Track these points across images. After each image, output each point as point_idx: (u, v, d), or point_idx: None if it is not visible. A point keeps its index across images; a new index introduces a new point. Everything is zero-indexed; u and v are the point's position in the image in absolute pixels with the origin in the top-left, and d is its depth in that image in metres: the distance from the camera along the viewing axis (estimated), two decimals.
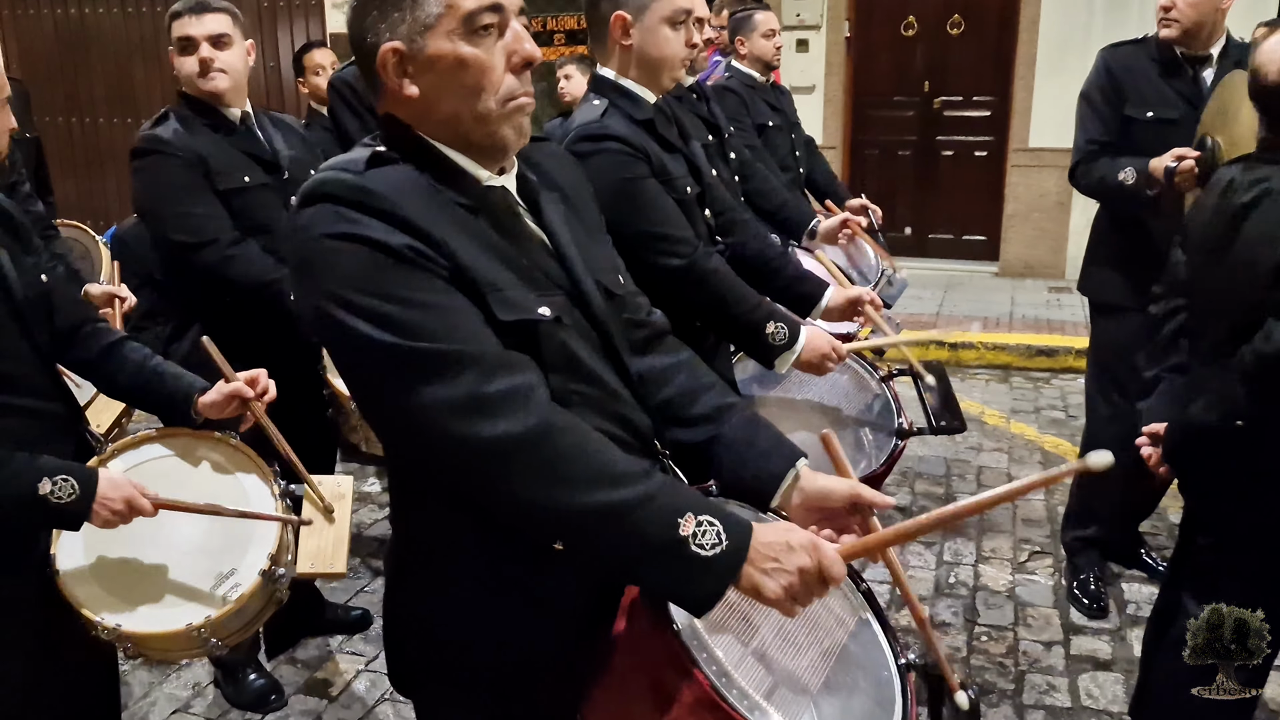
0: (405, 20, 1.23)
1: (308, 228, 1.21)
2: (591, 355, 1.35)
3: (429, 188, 1.26)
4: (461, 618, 1.36)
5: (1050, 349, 5.95)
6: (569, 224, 1.41)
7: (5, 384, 1.84)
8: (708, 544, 1.16)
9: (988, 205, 7.74)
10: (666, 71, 2.26)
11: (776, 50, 4.16)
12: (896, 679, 1.39)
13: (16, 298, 1.87)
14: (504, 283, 1.25)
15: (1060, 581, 3.50)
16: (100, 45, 9.07)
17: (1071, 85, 6.97)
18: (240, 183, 2.70)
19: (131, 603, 1.94)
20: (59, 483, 1.79)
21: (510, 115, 1.28)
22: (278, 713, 2.90)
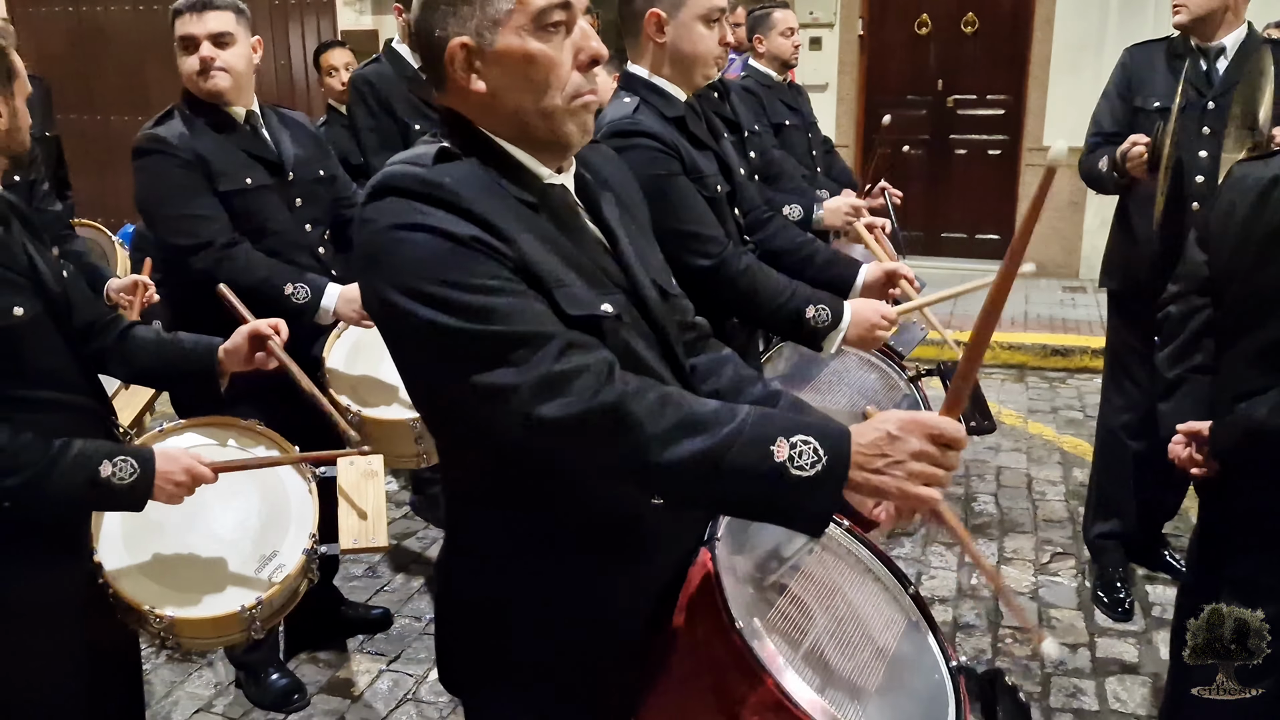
0: (475, 15, 1.23)
1: (376, 220, 1.21)
2: (650, 353, 1.35)
3: (493, 183, 1.25)
4: (517, 620, 1.35)
5: (1066, 349, 5.93)
6: (624, 225, 1.41)
7: (44, 379, 1.84)
8: (807, 464, 1.13)
9: (1001, 205, 7.72)
10: (699, 69, 2.25)
11: (795, 49, 4.15)
12: (949, 682, 1.38)
13: (51, 293, 1.88)
14: (568, 279, 1.25)
15: (1084, 583, 3.48)
16: (113, 43, 9.06)
17: (1086, 85, 7.06)
18: (242, 184, 2.64)
19: (179, 591, 1.96)
20: (119, 463, 1.79)
21: (576, 112, 1.28)
22: (300, 712, 2.89)
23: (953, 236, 7.93)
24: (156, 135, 2.60)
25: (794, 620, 1.33)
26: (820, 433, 1.15)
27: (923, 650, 1.45)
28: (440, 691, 2.96)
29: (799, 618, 1.34)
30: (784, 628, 1.28)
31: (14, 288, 1.79)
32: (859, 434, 1.16)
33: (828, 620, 1.35)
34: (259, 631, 2.02)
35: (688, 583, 1.34)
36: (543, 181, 1.32)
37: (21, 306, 1.78)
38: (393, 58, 3.62)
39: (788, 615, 1.33)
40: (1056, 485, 4.30)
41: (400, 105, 3.54)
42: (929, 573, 3.56)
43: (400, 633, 3.28)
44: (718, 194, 2.32)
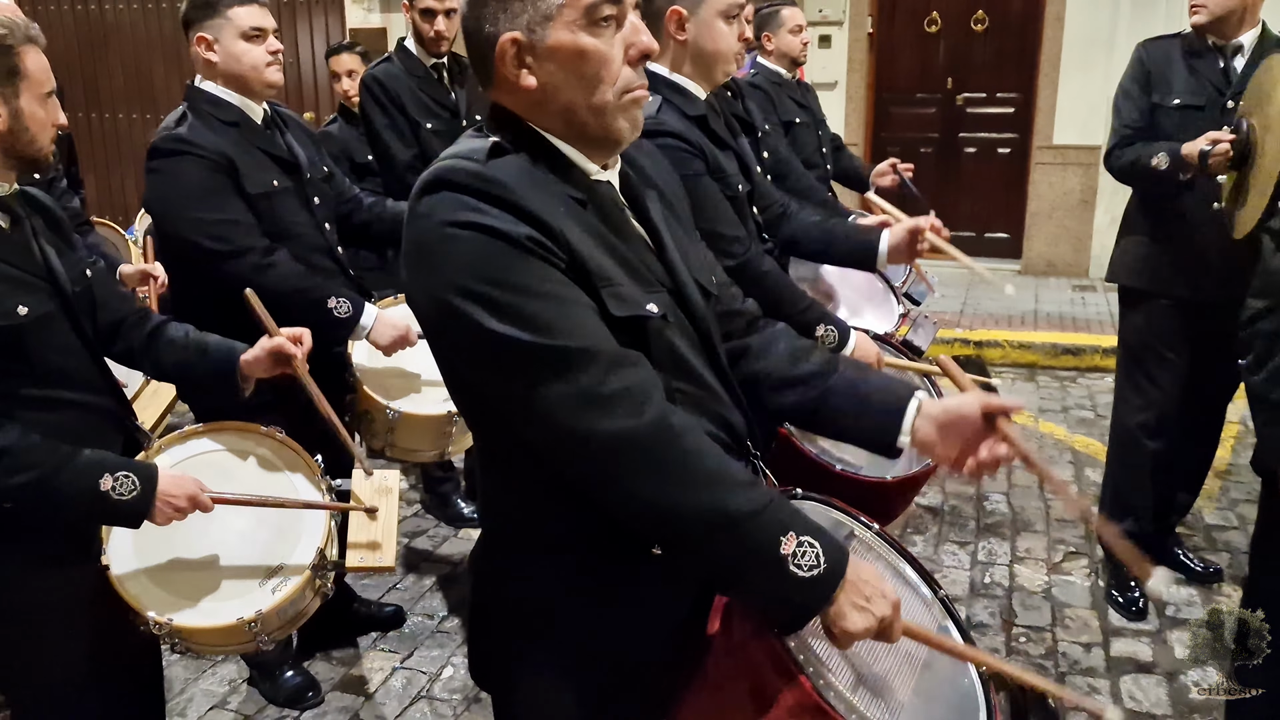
0: (526, 10, 1.23)
1: (429, 215, 1.20)
2: (693, 354, 1.35)
3: (544, 179, 1.25)
4: (553, 614, 1.35)
5: (1076, 348, 5.91)
6: (667, 223, 1.41)
7: (59, 378, 1.84)
8: (805, 565, 1.16)
9: (1010, 203, 7.70)
10: (720, 66, 2.25)
11: (803, 46, 4.13)
12: (978, 688, 1.38)
13: (66, 292, 1.88)
14: (616, 277, 1.25)
15: (1097, 582, 3.47)
16: (120, 41, 9.08)
17: (1096, 82, 7.06)
18: (269, 186, 2.60)
19: (183, 598, 1.95)
20: (120, 479, 1.79)
21: (626, 108, 1.28)
22: (314, 710, 2.89)
23: (962, 235, 7.91)
24: (181, 136, 2.52)
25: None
26: (825, 543, 1.18)
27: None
28: (454, 689, 2.96)
29: None
30: (818, 630, 1.28)
31: (22, 286, 1.79)
32: (857, 566, 1.20)
33: None
34: (266, 643, 2.01)
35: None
36: (590, 178, 1.32)
37: (26, 305, 1.78)
38: (404, 56, 3.61)
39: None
40: (1068, 484, 4.29)
41: (410, 104, 3.53)
42: (942, 571, 3.55)
43: (413, 631, 3.28)
44: (739, 193, 2.32)
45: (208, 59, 2.58)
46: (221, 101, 2.60)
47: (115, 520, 1.86)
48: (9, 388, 1.76)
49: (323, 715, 2.87)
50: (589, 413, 1.15)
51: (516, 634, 1.39)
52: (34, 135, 1.81)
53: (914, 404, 1.42)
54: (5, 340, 1.75)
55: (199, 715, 2.88)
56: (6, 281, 1.77)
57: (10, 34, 1.74)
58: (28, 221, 1.87)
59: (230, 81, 2.60)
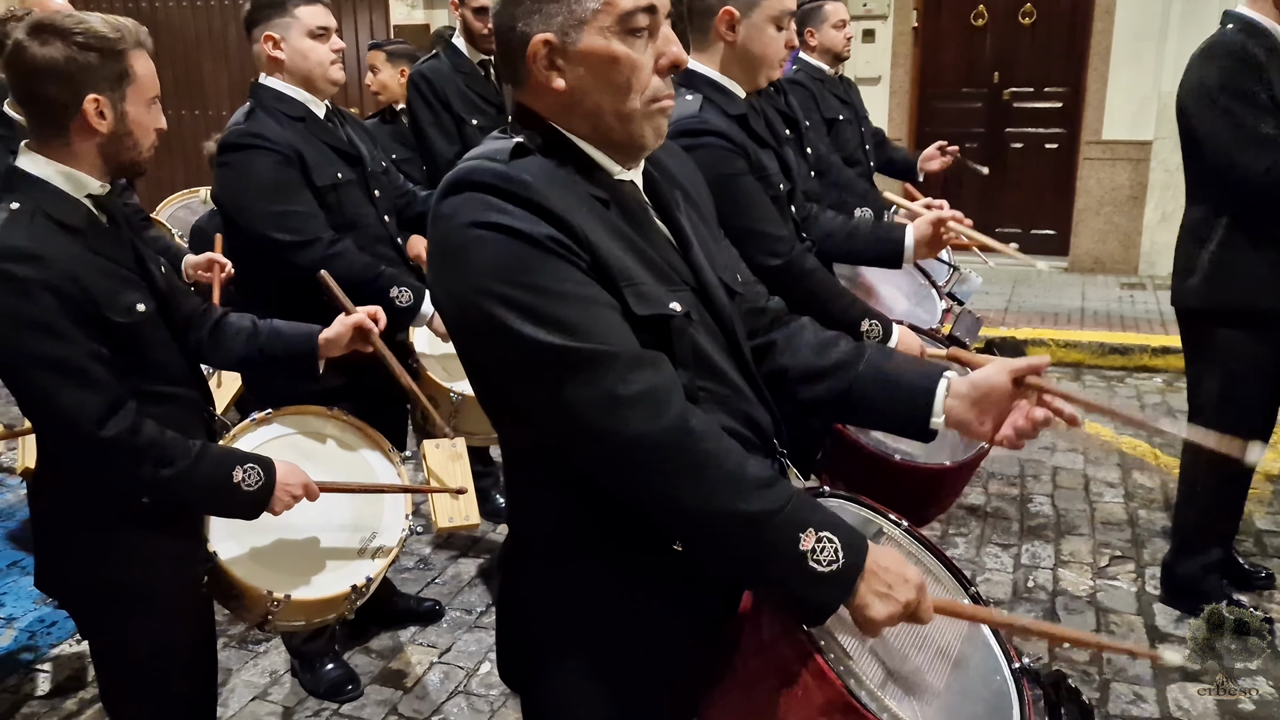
0: (561, 13, 1.24)
1: (453, 215, 1.21)
2: (717, 352, 1.35)
3: (567, 179, 1.26)
4: (581, 614, 1.35)
5: (1124, 347, 5.81)
6: (691, 222, 1.41)
7: (163, 373, 1.90)
8: (824, 560, 1.17)
9: (1057, 199, 7.59)
10: (764, 70, 2.24)
11: (847, 42, 4.08)
12: (1011, 684, 1.37)
13: (161, 289, 1.93)
14: (638, 276, 1.25)
15: (1144, 587, 3.40)
16: (169, 38, 9.21)
17: (1147, 76, 6.94)
18: (334, 179, 2.67)
19: (292, 575, 2.03)
20: (248, 470, 1.86)
21: (652, 116, 1.29)
22: (353, 702, 2.92)
23: (1007, 231, 7.79)
24: (252, 131, 2.59)
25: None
26: (844, 537, 1.19)
27: (984, 652, 1.43)
28: (491, 685, 2.97)
29: None
30: (848, 627, 1.27)
31: (132, 285, 1.84)
32: (877, 555, 1.21)
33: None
34: (351, 613, 2.12)
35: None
36: (613, 178, 1.32)
37: (141, 303, 1.83)
38: (451, 53, 3.63)
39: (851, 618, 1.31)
40: (1115, 487, 4.21)
41: (456, 100, 3.55)
42: (984, 574, 3.51)
43: (451, 625, 3.30)
44: (780, 192, 2.31)
45: (274, 56, 2.64)
46: (286, 97, 2.67)
47: (240, 510, 1.91)
48: (127, 384, 1.80)
49: (361, 708, 2.90)
50: (609, 414, 1.16)
51: (545, 634, 1.40)
52: (136, 140, 1.82)
53: (943, 384, 1.40)
54: (126, 337, 1.79)
55: (240, 705, 2.92)
56: (118, 280, 1.81)
57: (122, 38, 1.76)
58: (123, 222, 1.91)
59: (296, 78, 2.66)
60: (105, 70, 1.74)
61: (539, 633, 1.40)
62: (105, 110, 1.76)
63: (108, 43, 1.74)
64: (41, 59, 1.71)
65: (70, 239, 1.75)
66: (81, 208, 1.80)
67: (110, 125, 1.77)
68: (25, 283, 1.65)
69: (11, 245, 1.67)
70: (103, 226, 1.84)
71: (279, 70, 2.66)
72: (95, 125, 1.75)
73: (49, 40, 1.71)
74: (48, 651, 3.20)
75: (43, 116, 1.77)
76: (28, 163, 1.79)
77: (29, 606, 3.41)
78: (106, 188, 1.85)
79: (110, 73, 1.75)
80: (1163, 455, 4.47)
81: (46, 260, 1.68)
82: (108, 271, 1.79)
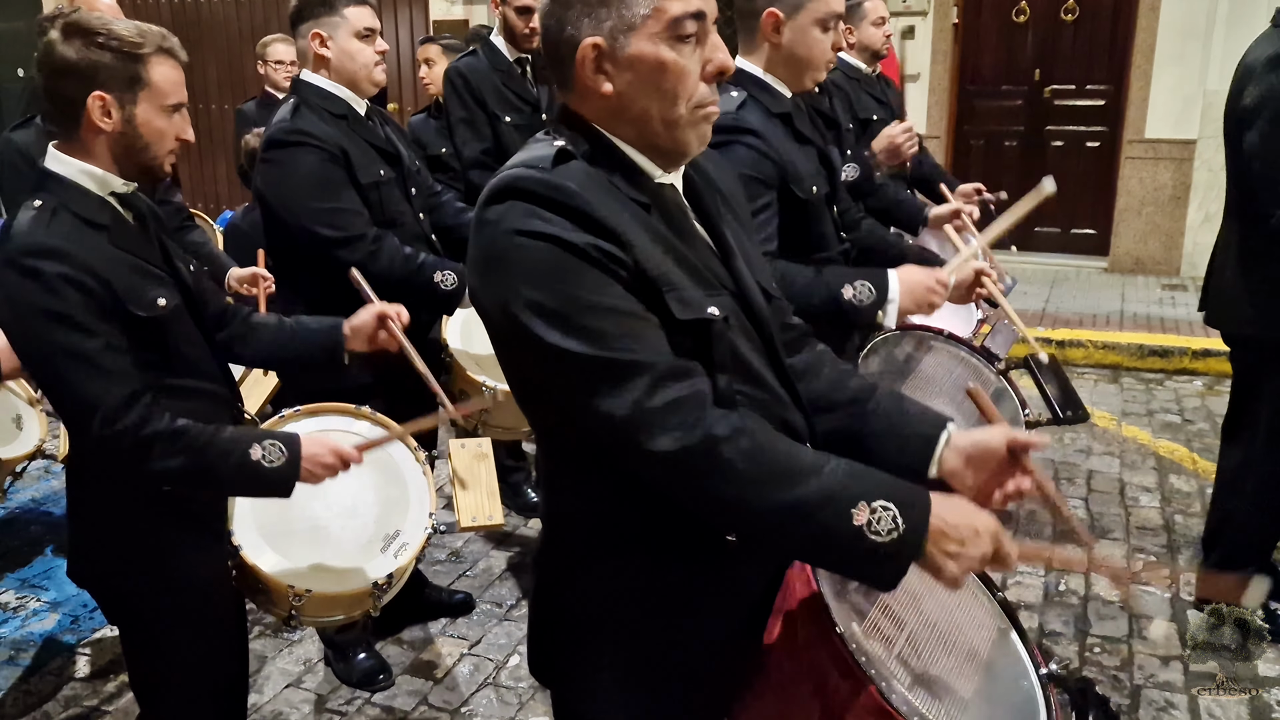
0: (611, 18, 1.24)
1: (498, 222, 1.23)
2: (755, 356, 1.36)
3: (609, 184, 1.27)
4: (617, 614, 1.37)
5: (1164, 349, 5.73)
6: (729, 226, 1.42)
7: (189, 368, 1.93)
8: (884, 530, 1.16)
9: (1098, 198, 7.49)
10: (810, 72, 2.25)
11: (886, 39, 4.05)
12: (1038, 689, 1.38)
13: (188, 285, 1.97)
14: (679, 281, 1.26)
15: (1178, 593, 3.37)
16: (212, 34, 9.36)
17: (1192, 75, 6.84)
18: (377, 176, 2.70)
19: (314, 570, 2.05)
20: (268, 447, 1.86)
21: (698, 123, 1.30)
22: (384, 692, 2.97)
23: (1046, 231, 7.72)
24: (299, 128, 2.61)
25: (887, 627, 1.33)
26: (901, 501, 1.18)
27: (1011, 657, 1.44)
28: (520, 677, 3.00)
29: (891, 625, 1.34)
30: (879, 634, 1.28)
31: (154, 279, 1.87)
32: (943, 511, 1.20)
33: (918, 627, 1.35)
34: (376, 609, 2.14)
35: (786, 588, 1.35)
36: (654, 181, 1.33)
37: (164, 298, 1.86)
38: (489, 50, 3.66)
39: (880, 622, 1.33)
40: (1151, 491, 4.16)
41: (491, 98, 3.58)
42: (1015, 578, 3.49)
43: (481, 618, 3.34)
44: (813, 195, 2.29)
45: (321, 54, 2.67)
46: (330, 95, 2.69)
47: (269, 488, 1.89)
48: (150, 378, 1.84)
49: (392, 698, 2.94)
50: (638, 428, 1.17)
51: (579, 632, 1.41)
52: (148, 144, 1.84)
53: (944, 436, 1.43)
54: (148, 331, 1.83)
55: (275, 692, 2.98)
56: (142, 274, 1.85)
57: (143, 43, 1.80)
58: (150, 219, 1.96)
59: (340, 77, 2.69)
60: (117, 71, 1.77)
61: (573, 628, 1.42)
62: (111, 110, 1.78)
63: (125, 45, 1.77)
64: (60, 56, 1.76)
65: (94, 235, 1.79)
66: (106, 205, 1.84)
67: (116, 125, 1.80)
68: (48, 277, 1.70)
69: (35, 241, 1.72)
70: (127, 223, 1.88)
71: (324, 68, 2.69)
72: (99, 122, 1.78)
73: (72, 39, 1.76)
74: (89, 635, 3.28)
75: (61, 113, 1.82)
76: (54, 162, 1.84)
77: (72, 591, 3.49)
78: (131, 186, 1.89)
79: (123, 74, 1.78)
80: (1200, 460, 4.41)
81: (68, 255, 1.72)
82: (131, 267, 1.83)
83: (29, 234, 1.73)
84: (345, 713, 2.88)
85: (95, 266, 1.75)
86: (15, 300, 1.72)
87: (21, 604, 3.48)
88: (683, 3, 1.24)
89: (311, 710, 2.90)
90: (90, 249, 1.77)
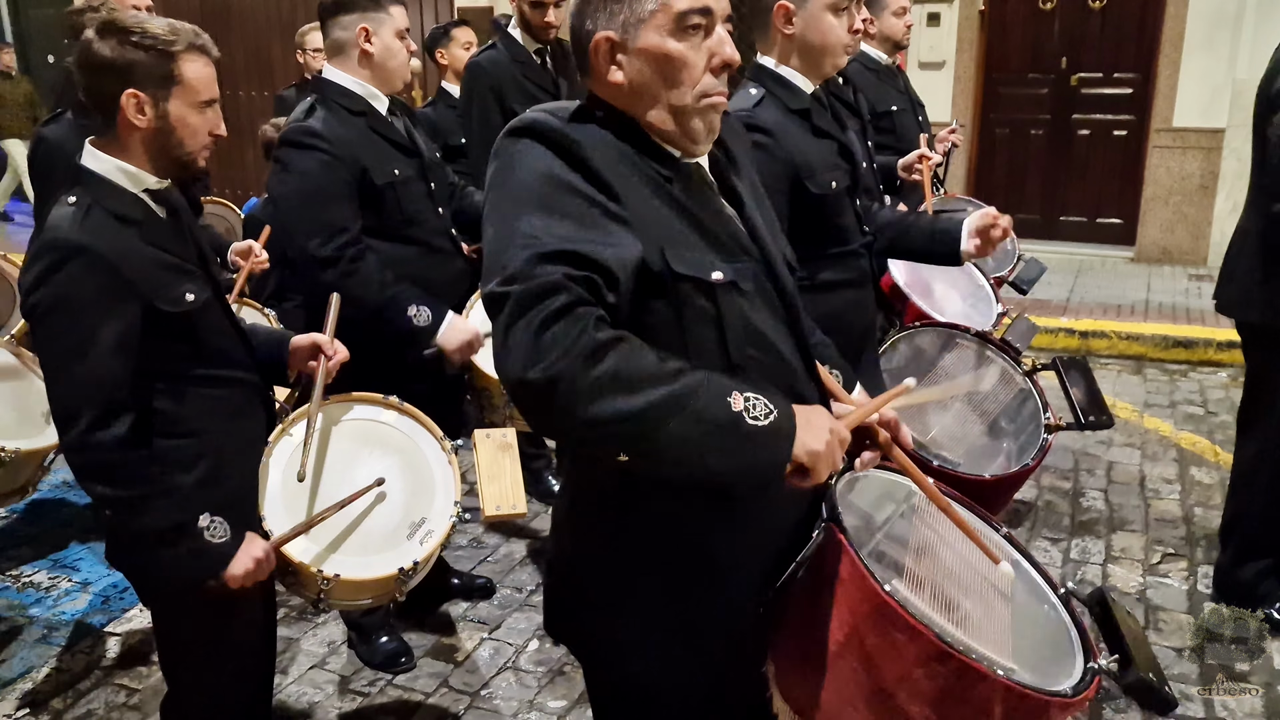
0: (623, 13, 1.34)
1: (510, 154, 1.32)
2: (771, 324, 1.41)
3: (628, 154, 1.34)
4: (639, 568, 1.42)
5: (1188, 340, 5.70)
6: (754, 199, 1.49)
7: (220, 358, 1.99)
8: (761, 415, 1.23)
9: (1125, 187, 7.45)
10: (828, 59, 2.26)
11: (907, 29, 4.03)
12: (1062, 609, 1.48)
13: (216, 278, 2.03)
14: (685, 242, 1.32)
15: (1195, 586, 3.37)
16: (241, 21, 9.44)
17: (1221, 63, 6.78)
18: (392, 176, 2.71)
19: (343, 554, 2.10)
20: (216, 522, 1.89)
21: (704, 111, 1.37)
22: (406, 674, 3.02)
23: (1072, 220, 7.68)
24: (311, 129, 2.62)
25: (920, 577, 1.38)
26: (766, 393, 1.26)
27: (1030, 584, 1.52)
28: (539, 661, 3.05)
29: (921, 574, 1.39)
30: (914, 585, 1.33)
31: (185, 274, 1.93)
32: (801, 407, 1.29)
33: (944, 574, 1.41)
34: (402, 594, 2.19)
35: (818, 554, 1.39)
36: (678, 159, 1.40)
37: (194, 293, 1.91)
38: (508, 42, 3.69)
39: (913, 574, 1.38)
40: (1172, 484, 4.16)
41: (510, 90, 3.61)
42: None
43: (502, 603, 3.39)
44: (831, 190, 2.31)
45: (365, 49, 2.68)
46: (350, 92, 2.71)
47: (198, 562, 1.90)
48: (182, 369, 1.91)
49: (414, 680, 3.00)
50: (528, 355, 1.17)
51: (602, 582, 1.46)
52: (181, 139, 1.89)
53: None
54: (178, 325, 1.89)
55: (300, 673, 3.04)
56: (173, 270, 1.90)
57: (175, 40, 1.85)
58: (182, 213, 2.01)
59: (375, 73, 2.71)
60: (151, 69, 1.82)
61: (603, 585, 1.46)
62: (145, 107, 1.84)
63: (159, 43, 1.82)
64: (96, 54, 1.82)
65: (127, 232, 1.84)
66: (139, 201, 1.90)
67: (150, 121, 1.85)
68: (70, 274, 1.76)
69: (64, 238, 1.78)
70: (160, 219, 1.93)
71: (366, 62, 2.69)
72: (133, 119, 1.84)
73: (108, 38, 1.82)
74: (119, 615, 3.36)
75: (99, 110, 1.87)
76: (90, 159, 1.89)
77: (103, 572, 3.57)
78: (164, 183, 1.94)
79: (156, 72, 1.83)
80: (1222, 452, 4.40)
81: (94, 252, 1.77)
82: (162, 263, 1.88)
83: (60, 231, 1.79)
84: (368, 694, 2.94)
85: (122, 266, 1.80)
86: (40, 292, 1.78)
87: (54, 584, 3.56)
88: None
89: (335, 691, 2.96)
90: (122, 247, 1.82)
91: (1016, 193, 7.65)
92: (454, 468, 2.32)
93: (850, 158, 2.43)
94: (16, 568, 3.68)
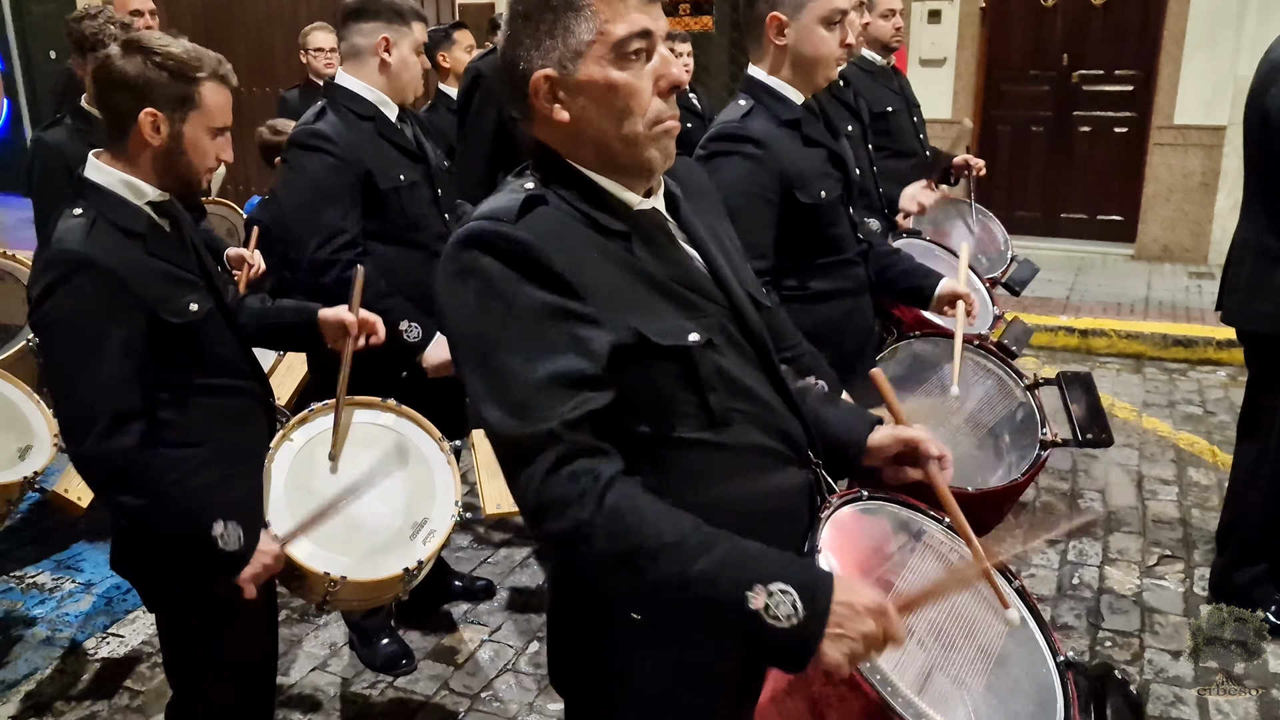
0: (557, 47, 1.27)
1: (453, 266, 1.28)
2: (746, 370, 1.38)
3: (582, 223, 1.30)
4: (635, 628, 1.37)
5: (1188, 339, 5.70)
6: (714, 239, 1.45)
7: (222, 367, 2.02)
8: (783, 615, 1.13)
9: (1125, 185, 7.44)
10: (821, 71, 2.26)
11: (896, 31, 4.01)
12: (1056, 677, 1.39)
13: (219, 288, 2.06)
14: (654, 311, 1.29)
15: (1191, 588, 3.39)
16: (243, 18, 9.43)
17: (1223, 60, 6.76)
18: (398, 181, 2.74)
19: (347, 556, 2.12)
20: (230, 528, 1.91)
21: (657, 138, 1.31)
22: (407, 676, 3.05)
23: (1072, 217, 7.67)
24: (320, 132, 2.67)
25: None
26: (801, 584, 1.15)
27: (1029, 646, 1.45)
28: (539, 664, 3.07)
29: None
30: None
31: (187, 285, 1.96)
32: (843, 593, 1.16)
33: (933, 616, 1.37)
34: (405, 594, 2.22)
35: None
36: (633, 209, 1.35)
37: (197, 303, 1.94)
38: None
39: None
40: (1169, 485, 4.17)
41: None
42: (1028, 570, 3.51)
43: (502, 605, 3.41)
44: (822, 199, 2.31)
45: (384, 59, 2.72)
46: (359, 97, 2.75)
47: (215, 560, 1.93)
48: (184, 378, 1.94)
49: (414, 682, 3.03)
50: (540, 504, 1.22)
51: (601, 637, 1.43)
52: (190, 160, 1.93)
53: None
54: (182, 336, 1.92)
55: (301, 675, 3.07)
56: (175, 282, 1.93)
57: (199, 66, 1.89)
58: (184, 224, 2.04)
59: (393, 84, 2.76)
60: (171, 90, 1.87)
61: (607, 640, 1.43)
62: (161, 126, 1.88)
63: (181, 66, 1.87)
64: (118, 70, 1.86)
65: (131, 244, 1.87)
66: (142, 214, 1.93)
67: (163, 141, 1.89)
68: (78, 287, 1.78)
69: (69, 250, 1.81)
70: (163, 230, 1.96)
71: (384, 71, 2.73)
72: (148, 138, 1.87)
73: (131, 55, 1.86)
74: (123, 616, 3.39)
75: (111, 124, 1.91)
76: (94, 171, 1.92)
77: (106, 573, 3.59)
78: (166, 195, 1.97)
79: (175, 93, 1.87)
80: (1220, 453, 4.41)
81: (100, 265, 1.80)
82: (165, 275, 1.91)
83: (64, 243, 1.82)
84: (368, 696, 2.97)
85: (125, 276, 1.82)
86: (48, 304, 1.81)
87: (57, 585, 3.59)
88: (626, 24, 1.26)
89: (336, 693, 2.99)
90: (128, 259, 1.85)
91: (1017, 189, 7.64)
92: (453, 468, 2.34)
93: (843, 165, 2.43)
94: (20, 569, 3.71)
